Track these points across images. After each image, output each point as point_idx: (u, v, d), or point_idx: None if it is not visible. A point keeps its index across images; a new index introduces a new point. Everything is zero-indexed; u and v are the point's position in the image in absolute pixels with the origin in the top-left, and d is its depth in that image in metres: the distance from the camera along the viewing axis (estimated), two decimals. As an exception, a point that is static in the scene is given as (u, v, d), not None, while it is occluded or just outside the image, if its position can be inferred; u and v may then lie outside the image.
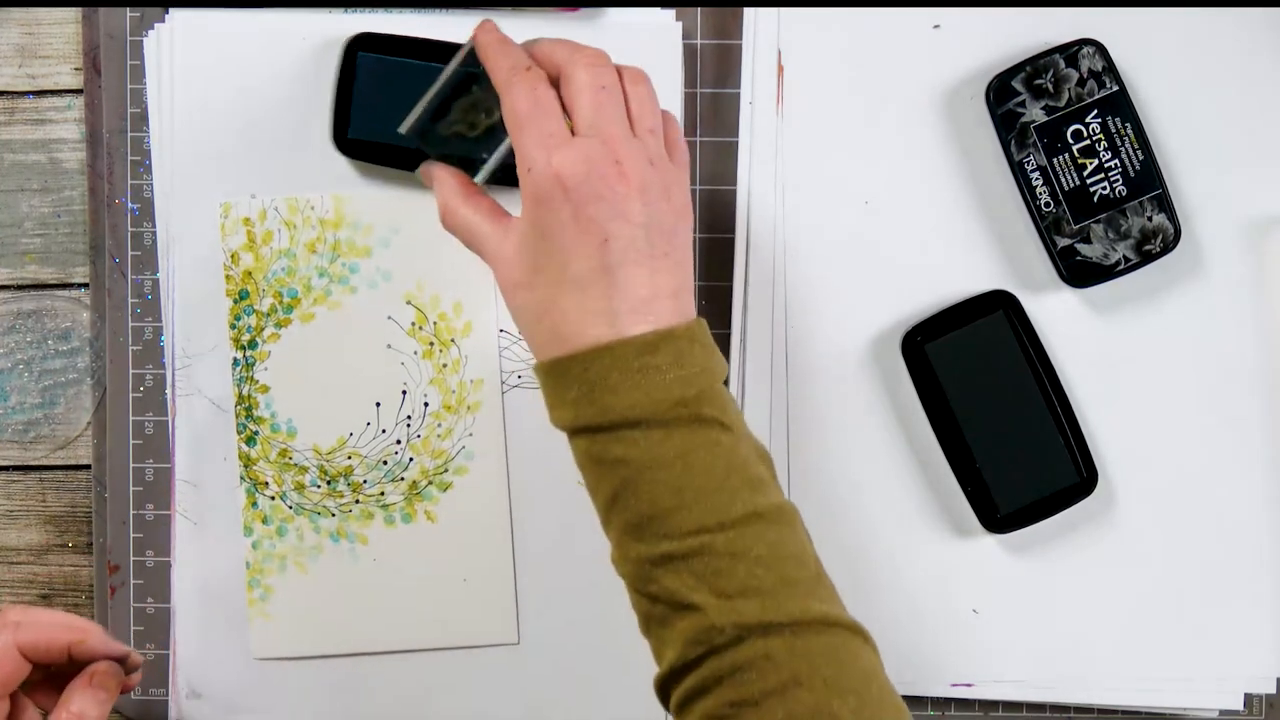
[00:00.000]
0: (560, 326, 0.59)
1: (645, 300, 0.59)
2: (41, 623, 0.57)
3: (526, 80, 0.61)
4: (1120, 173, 0.71)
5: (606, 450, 0.58)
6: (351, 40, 0.71)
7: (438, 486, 0.74)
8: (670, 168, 0.62)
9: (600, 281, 0.59)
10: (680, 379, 0.58)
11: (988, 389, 0.72)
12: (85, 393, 0.76)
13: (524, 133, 0.60)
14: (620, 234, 0.59)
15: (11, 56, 0.76)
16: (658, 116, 0.62)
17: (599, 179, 0.59)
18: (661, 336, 0.58)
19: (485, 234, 0.63)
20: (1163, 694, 0.74)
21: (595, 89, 0.60)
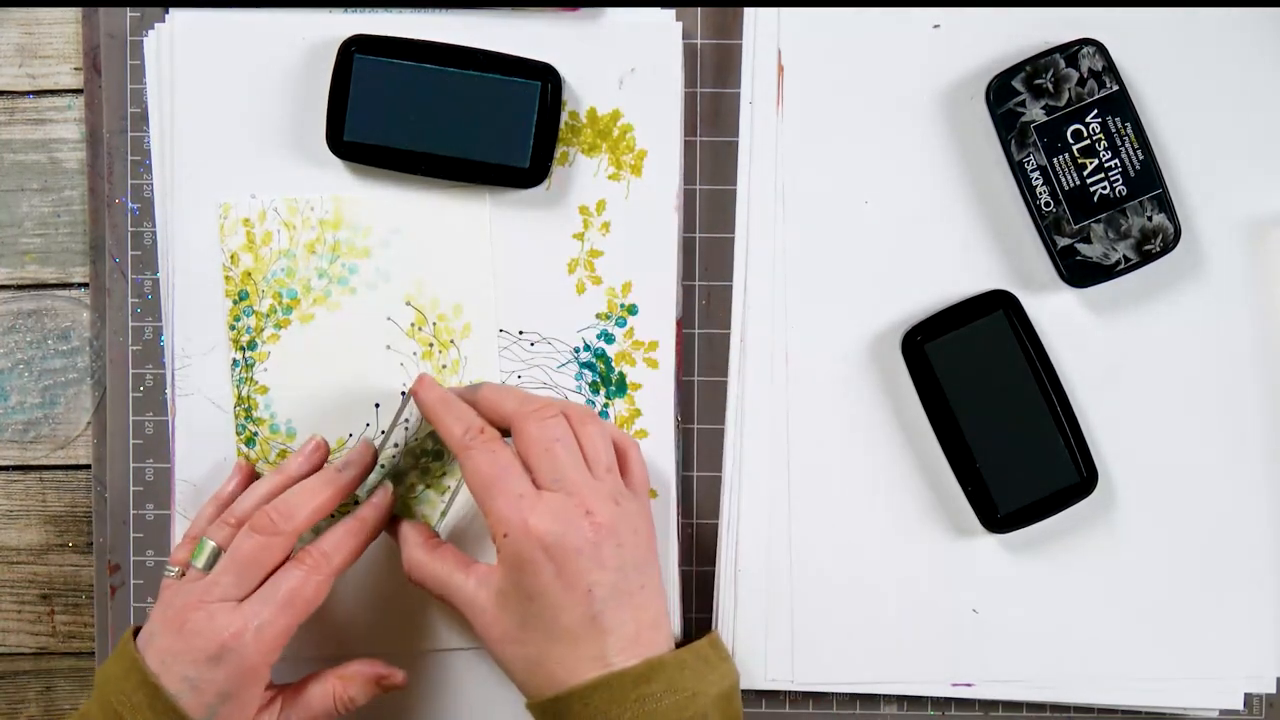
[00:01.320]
0: (555, 673, 0.62)
1: (632, 638, 0.62)
2: None
3: (483, 444, 0.64)
4: (1120, 173, 0.71)
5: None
6: (346, 42, 0.71)
7: (437, 490, 0.74)
8: (631, 499, 0.66)
9: (590, 630, 0.62)
10: (675, 704, 0.61)
11: (988, 389, 0.72)
12: (85, 393, 0.76)
13: (493, 498, 0.63)
14: (602, 581, 0.62)
15: (11, 56, 0.76)
16: (611, 453, 0.66)
17: (575, 533, 0.62)
18: (653, 666, 0.62)
19: (456, 585, 0.65)
20: (1163, 694, 0.74)
21: (550, 442, 0.64)
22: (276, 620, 0.64)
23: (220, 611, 0.63)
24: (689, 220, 0.74)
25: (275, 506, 0.66)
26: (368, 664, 0.69)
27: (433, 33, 0.72)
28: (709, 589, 0.75)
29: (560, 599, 0.62)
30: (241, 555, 0.64)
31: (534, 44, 0.72)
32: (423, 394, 0.67)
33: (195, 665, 0.62)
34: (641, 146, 0.73)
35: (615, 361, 0.74)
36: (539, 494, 0.63)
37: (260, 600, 0.64)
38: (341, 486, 0.68)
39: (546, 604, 0.62)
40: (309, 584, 0.65)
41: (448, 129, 0.71)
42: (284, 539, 0.65)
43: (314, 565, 0.65)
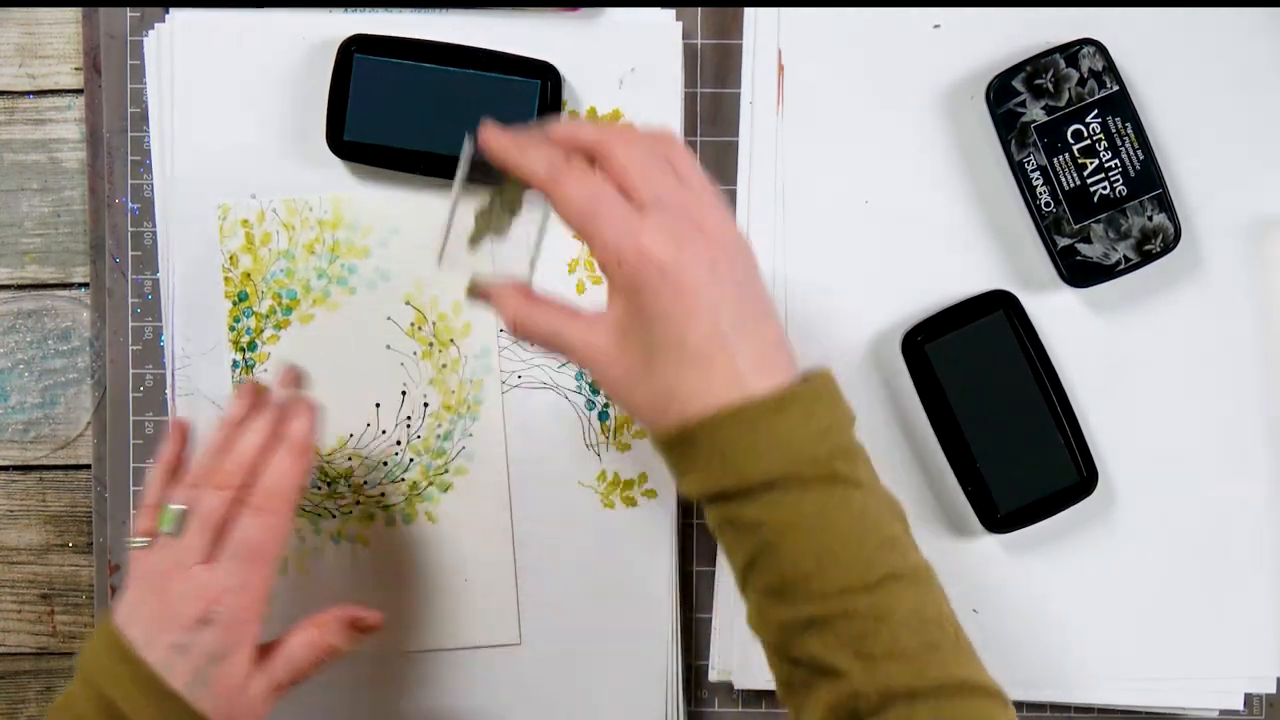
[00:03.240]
0: (688, 403, 0.57)
1: (761, 358, 0.57)
2: None
3: (576, 176, 0.59)
4: (1120, 173, 0.71)
5: (742, 514, 0.57)
6: (346, 42, 0.71)
7: (438, 487, 0.74)
8: (729, 214, 0.60)
9: (719, 349, 0.57)
10: (811, 436, 0.57)
11: (988, 389, 0.72)
12: (85, 393, 0.76)
13: (598, 226, 0.57)
14: (725, 297, 0.57)
15: (11, 56, 0.76)
16: (701, 172, 0.61)
17: (688, 245, 0.57)
18: (788, 395, 0.57)
19: (569, 332, 0.60)
20: (1163, 694, 0.74)
21: (643, 157, 0.59)
22: (251, 574, 0.63)
23: (199, 574, 0.63)
24: (689, 220, 0.74)
25: (230, 459, 0.65)
26: (341, 609, 0.67)
27: (433, 33, 0.72)
28: (709, 589, 0.75)
29: (684, 319, 0.57)
30: (211, 515, 0.64)
31: (534, 44, 0.72)
32: (494, 142, 0.61)
33: (184, 630, 0.62)
34: (641, 146, 0.73)
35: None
36: (644, 214, 0.57)
37: (230, 557, 0.63)
38: (279, 417, 0.66)
39: (671, 327, 0.57)
40: (268, 529, 0.64)
41: (447, 128, 0.71)
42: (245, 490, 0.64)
43: (266, 507, 0.64)
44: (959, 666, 0.56)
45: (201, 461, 0.66)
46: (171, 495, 0.65)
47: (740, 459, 0.56)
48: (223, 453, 0.65)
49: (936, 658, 0.56)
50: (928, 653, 0.55)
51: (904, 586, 0.56)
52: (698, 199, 0.59)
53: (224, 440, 0.66)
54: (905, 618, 0.56)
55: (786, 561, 0.56)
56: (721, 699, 0.76)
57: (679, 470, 0.58)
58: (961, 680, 0.55)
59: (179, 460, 0.68)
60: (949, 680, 0.55)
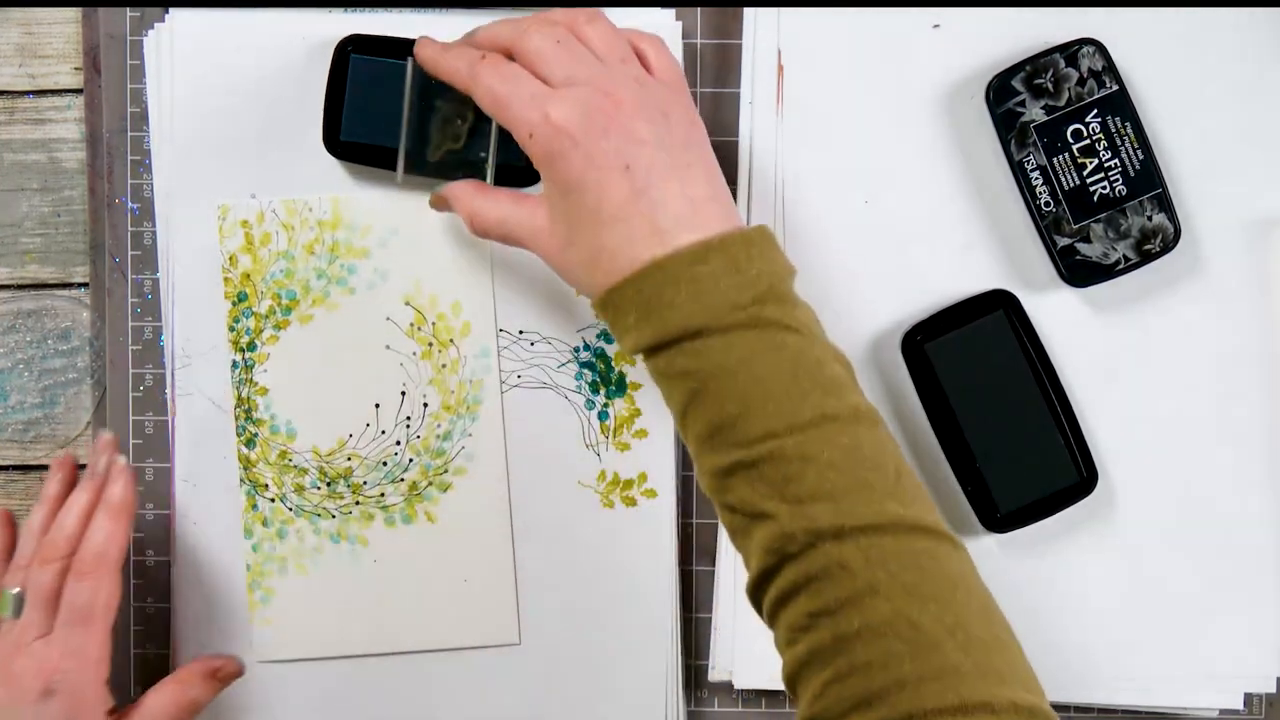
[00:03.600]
0: (612, 263, 0.59)
1: (686, 213, 0.59)
2: None
3: (488, 66, 0.62)
4: (1120, 172, 0.71)
5: (671, 364, 0.58)
6: (342, 42, 0.71)
7: (438, 487, 0.74)
8: (657, 85, 0.62)
9: (637, 205, 0.58)
10: (736, 284, 0.57)
11: (988, 389, 0.72)
12: (85, 393, 0.76)
13: (509, 106, 0.60)
14: (638, 155, 0.59)
15: (11, 56, 0.76)
16: (624, 45, 0.63)
17: (597, 113, 0.59)
18: (710, 245, 0.58)
19: (517, 219, 0.63)
20: (1163, 694, 0.74)
21: (553, 45, 0.61)
22: (87, 638, 0.65)
23: (37, 649, 0.65)
24: (689, 220, 0.74)
25: (55, 532, 0.67)
26: (199, 661, 0.70)
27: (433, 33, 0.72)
28: (709, 589, 0.75)
29: (597, 181, 0.59)
30: (43, 589, 0.66)
31: (533, 44, 0.72)
32: (423, 52, 0.66)
33: (30, 706, 0.64)
34: (641, 146, 0.73)
35: (615, 361, 0.74)
36: (554, 90, 0.60)
37: (63, 625, 0.65)
38: (100, 486, 0.69)
39: (587, 192, 0.59)
40: (99, 591, 0.66)
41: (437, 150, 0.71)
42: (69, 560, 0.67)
43: (93, 571, 0.66)
44: (897, 504, 0.55)
45: (27, 541, 0.69)
46: (4, 580, 0.68)
47: (664, 310, 0.57)
48: (45, 529, 0.68)
49: (868, 495, 0.55)
50: (859, 490, 0.55)
51: (837, 427, 0.56)
52: (610, 70, 0.61)
53: (45, 517, 0.69)
54: (836, 458, 0.55)
55: (712, 407, 0.57)
56: (721, 699, 0.76)
57: (616, 332, 0.60)
58: (896, 518, 0.55)
59: (9, 545, 0.71)
60: (880, 519, 0.55)
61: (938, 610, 0.54)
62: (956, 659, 0.53)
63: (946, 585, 0.55)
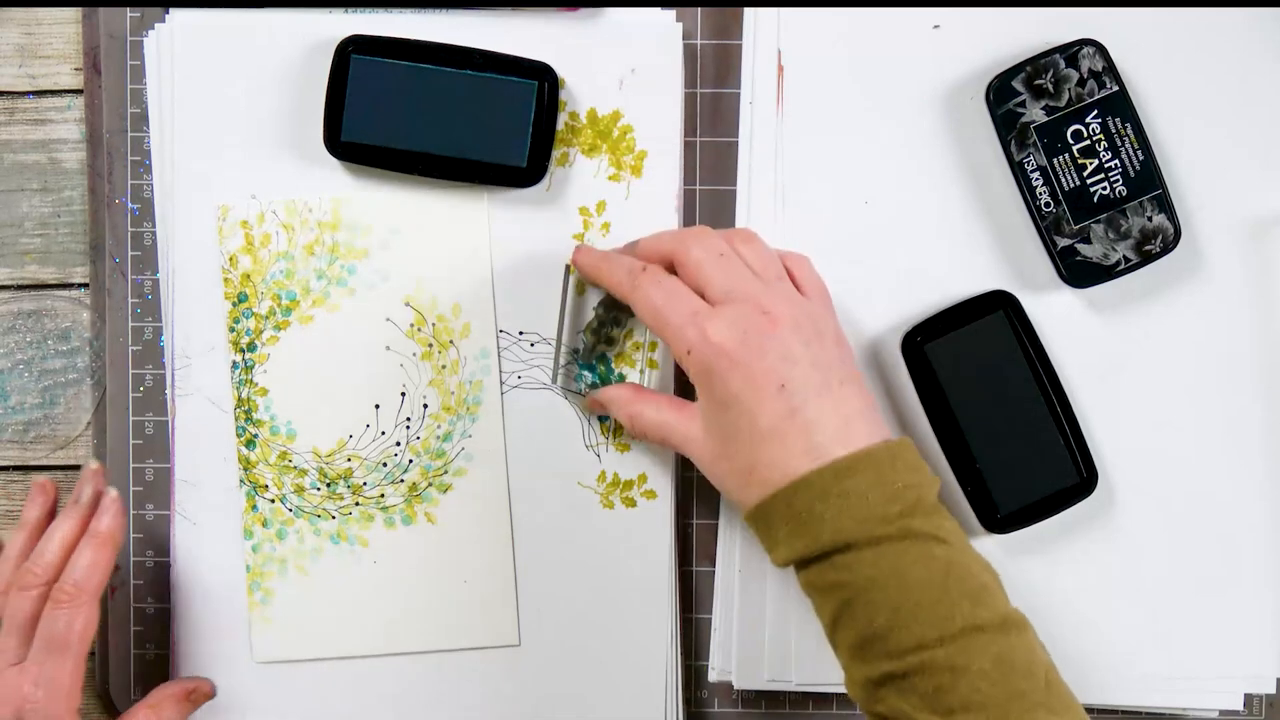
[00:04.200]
0: (766, 477, 0.60)
1: (840, 428, 0.60)
2: None
3: (649, 278, 0.64)
4: (1120, 173, 0.71)
5: (822, 577, 0.59)
6: (343, 43, 0.71)
7: (437, 488, 0.74)
8: (808, 303, 0.64)
9: (793, 425, 0.60)
10: (884, 497, 0.58)
11: (988, 389, 0.72)
12: (85, 393, 0.76)
13: (668, 321, 0.62)
14: (794, 375, 0.61)
15: (11, 56, 0.76)
16: (778, 264, 0.65)
17: (754, 332, 0.61)
18: (858, 459, 0.59)
19: (673, 425, 0.65)
20: (1163, 694, 0.74)
21: (714, 258, 0.63)
22: (60, 667, 0.66)
23: (9, 677, 0.66)
24: (689, 220, 0.74)
25: (34, 560, 0.67)
26: (173, 684, 0.71)
27: (432, 33, 0.72)
28: (709, 589, 0.75)
29: (754, 400, 0.60)
30: (19, 616, 0.67)
31: (534, 44, 0.72)
32: (581, 259, 0.68)
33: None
34: (641, 147, 0.73)
35: (615, 362, 0.74)
36: (712, 307, 0.62)
37: (38, 652, 0.66)
38: (84, 515, 0.69)
39: (743, 409, 0.61)
40: (76, 620, 0.66)
41: (445, 129, 0.71)
42: (47, 588, 0.67)
43: (71, 599, 0.66)
44: (1047, 713, 0.56)
45: (4, 566, 0.69)
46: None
47: (814, 524, 0.58)
48: (23, 555, 0.69)
49: (1020, 705, 0.56)
50: (1010, 700, 0.56)
51: (988, 638, 0.57)
52: (768, 287, 0.63)
53: (24, 542, 0.70)
54: (986, 668, 0.56)
55: (863, 619, 0.58)
56: (721, 699, 0.76)
57: (766, 544, 0.61)
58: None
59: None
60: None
61: None
62: None
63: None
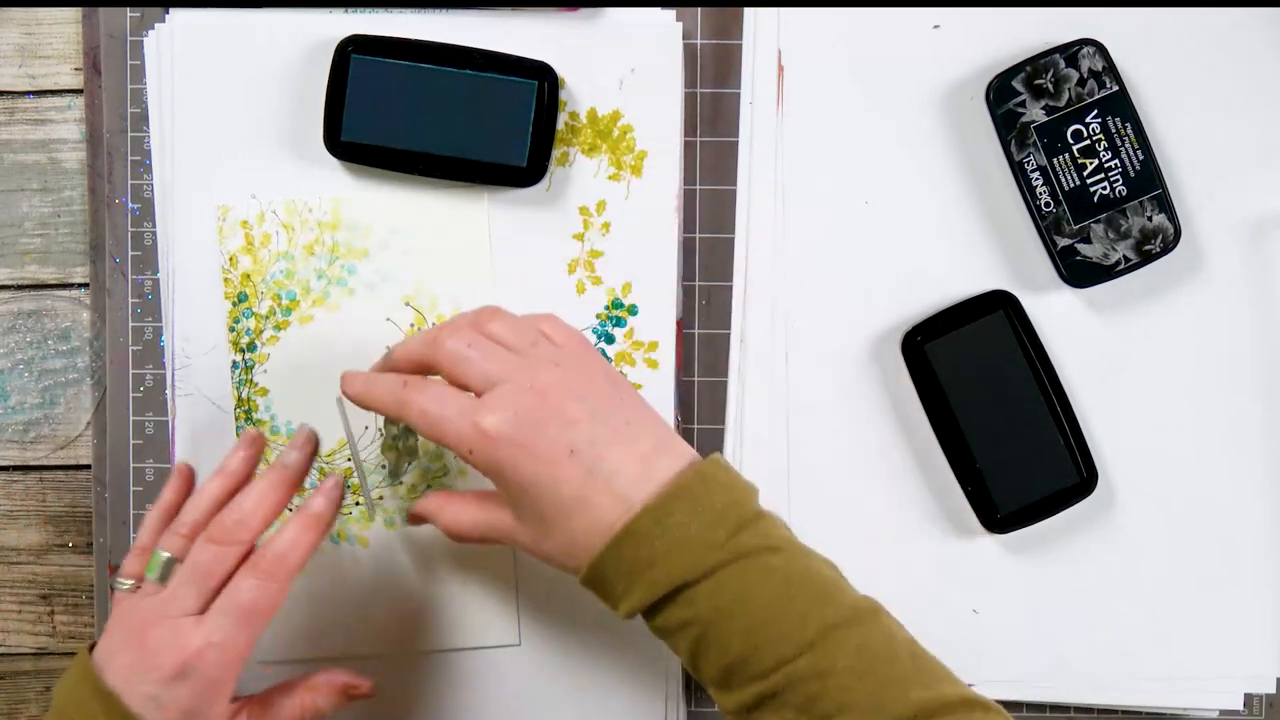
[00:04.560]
0: (589, 542, 0.59)
1: (641, 471, 0.59)
2: None
3: (412, 390, 0.62)
4: (1120, 173, 0.71)
5: (669, 619, 0.59)
6: (343, 43, 0.71)
7: (437, 488, 0.74)
8: (569, 356, 0.62)
9: (593, 484, 0.59)
10: (707, 523, 0.58)
11: (988, 389, 0.72)
12: (85, 393, 0.76)
13: (443, 429, 0.60)
14: (579, 437, 0.59)
15: (11, 56, 0.76)
16: (530, 331, 0.63)
17: (526, 410, 0.59)
18: (669, 494, 0.58)
19: (490, 522, 0.63)
20: (1163, 694, 0.74)
21: (465, 349, 0.61)
22: (238, 634, 0.62)
23: (182, 627, 0.62)
24: (689, 220, 0.74)
25: (229, 514, 0.64)
26: (335, 674, 0.68)
27: (432, 33, 0.72)
28: (709, 589, 0.75)
29: (549, 476, 0.59)
30: (200, 567, 0.63)
31: (534, 44, 0.72)
32: (348, 390, 0.65)
33: (160, 684, 0.61)
34: (641, 147, 0.73)
35: (615, 362, 0.74)
36: (479, 400, 0.60)
37: (220, 613, 0.62)
38: (291, 481, 0.66)
39: (542, 489, 0.59)
40: (267, 593, 0.62)
41: (445, 129, 0.71)
42: (242, 547, 0.63)
43: (269, 572, 0.63)
44: (920, 689, 0.56)
45: (195, 512, 0.65)
46: (163, 542, 0.65)
47: (647, 571, 0.58)
48: (217, 505, 0.65)
49: (892, 692, 0.56)
50: (882, 690, 0.56)
51: (844, 633, 0.57)
52: (526, 359, 0.61)
53: (220, 491, 0.66)
54: (851, 664, 0.56)
55: (717, 651, 0.58)
56: (721, 699, 0.76)
57: (609, 604, 0.60)
58: (921, 704, 0.56)
59: (178, 506, 0.68)
60: (909, 708, 0.56)
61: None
62: None
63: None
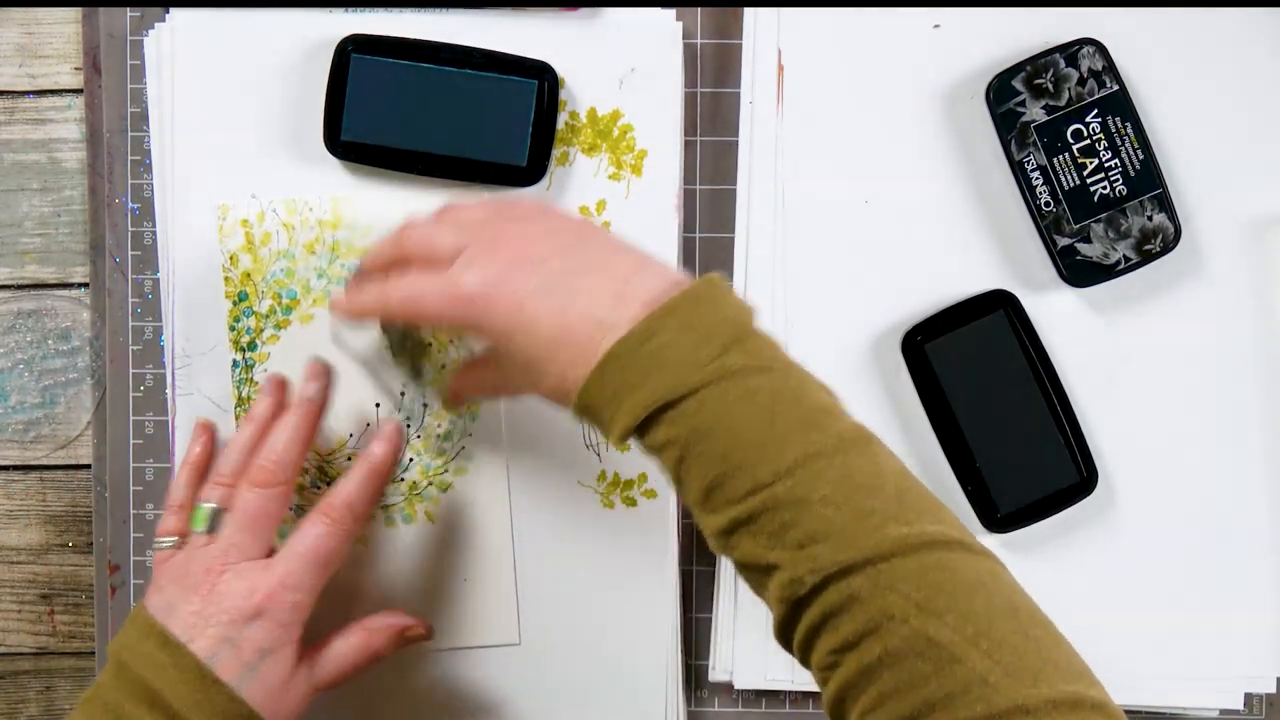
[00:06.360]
0: (576, 374, 0.58)
1: (619, 295, 0.58)
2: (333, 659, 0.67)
3: (391, 284, 0.62)
4: (1120, 172, 0.71)
5: (654, 439, 0.57)
6: (343, 42, 0.71)
7: (438, 487, 0.74)
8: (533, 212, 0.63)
9: (572, 316, 0.58)
10: (693, 343, 0.56)
11: (988, 389, 0.72)
12: (85, 393, 0.76)
13: (423, 305, 0.61)
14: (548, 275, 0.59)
15: (11, 56, 0.76)
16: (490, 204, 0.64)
17: (494, 264, 0.59)
18: (655, 316, 0.57)
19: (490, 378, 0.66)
20: (1163, 694, 0.74)
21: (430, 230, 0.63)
22: (310, 577, 0.64)
23: (251, 570, 0.64)
24: (689, 220, 0.74)
25: (267, 456, 0.66)
26: (392, 615, 0.69)
27: (432, 33, 0.72)
28: (709, 589, 0.75)
29: (529, 318, 0.58)
30: (251, 512, 0.65)
31: (534, 44, 0.72)
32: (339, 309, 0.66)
33: (234, 625, 0.62)
34: (641, 146, 0.73)
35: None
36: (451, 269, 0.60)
37: (290, 556, 0.64)
38: (315, 414, 0.68)
39: (524, 331, 0.59)
40: (334, 538, 0.65)
41: (445, 128, 0.71)
42: (286, 487, 0.66)
43: (338, 519, 0.65)
44: (900, 525, 0.54)
45: (231, 459, 0.67)
46: (202, 494, 0.66)
47: (632, 393, 0.56)
48: (252, 449, 0.67)
49: (868, 524, 0.54)
50: (858, 521, 0.54)
51: (825, 462, 0.55)
52: (485, 226, 0.61)
53: (253, 434, 0.68)
54: (829, 493, 0.54)
55: (699, 471, 0.56)
56: (721, 699, 0.76)
57: (601, 430, 0.59)
58: (900, 539, 0.53)
59: (207, 461, 0.69)
60: (884, 544, 0.53)
61: (956, 621, 0.52)
62: (983, 668, 0.51)
63: (963, 593, 0.53)
